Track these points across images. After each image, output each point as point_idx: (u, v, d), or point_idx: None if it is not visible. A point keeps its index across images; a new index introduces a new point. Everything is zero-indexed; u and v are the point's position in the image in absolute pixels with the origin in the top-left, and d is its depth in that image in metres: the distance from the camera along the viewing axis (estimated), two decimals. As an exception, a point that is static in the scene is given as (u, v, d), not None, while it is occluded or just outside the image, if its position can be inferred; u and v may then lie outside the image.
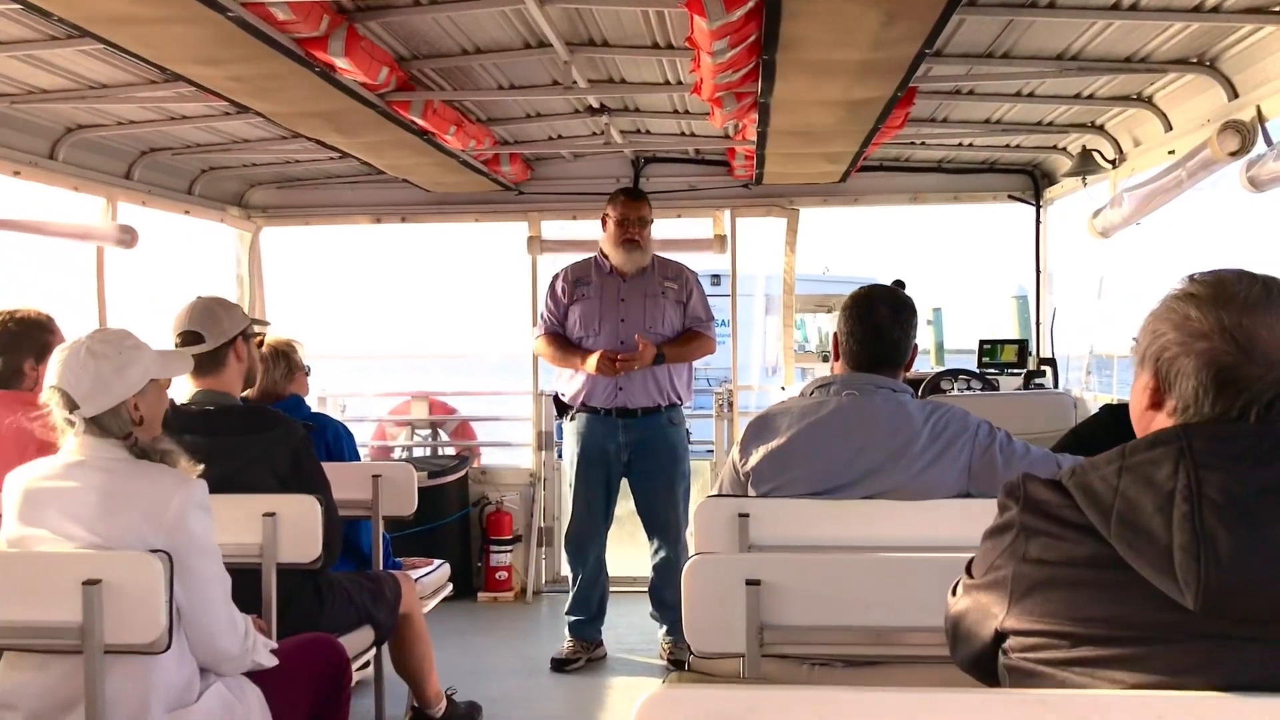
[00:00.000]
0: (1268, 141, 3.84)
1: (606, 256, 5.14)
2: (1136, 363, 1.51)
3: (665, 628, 5.18)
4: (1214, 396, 1.39)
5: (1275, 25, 3.57)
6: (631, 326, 4.99)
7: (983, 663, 1.51)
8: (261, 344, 3.91)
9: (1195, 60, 4.15)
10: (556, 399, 5.32)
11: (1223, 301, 1.40)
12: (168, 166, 5.81)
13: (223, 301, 3.45)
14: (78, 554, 2.39)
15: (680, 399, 5.16)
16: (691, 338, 5.12)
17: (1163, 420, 1.45)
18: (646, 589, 5.30)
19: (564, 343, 5.14)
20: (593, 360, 4.92)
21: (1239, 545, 1.27)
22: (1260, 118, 3.87)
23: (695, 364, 5.30)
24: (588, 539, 5.20)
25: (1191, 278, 1.46)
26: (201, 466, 2.58)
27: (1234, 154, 3.89)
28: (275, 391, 4.12)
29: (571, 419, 5.19)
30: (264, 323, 4.83)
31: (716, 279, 10.87)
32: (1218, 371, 1.39)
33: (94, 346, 2.50)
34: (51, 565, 2.40)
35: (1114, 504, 1.35)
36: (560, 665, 5.08)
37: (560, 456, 6.66)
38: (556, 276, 5.28)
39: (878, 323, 2.92)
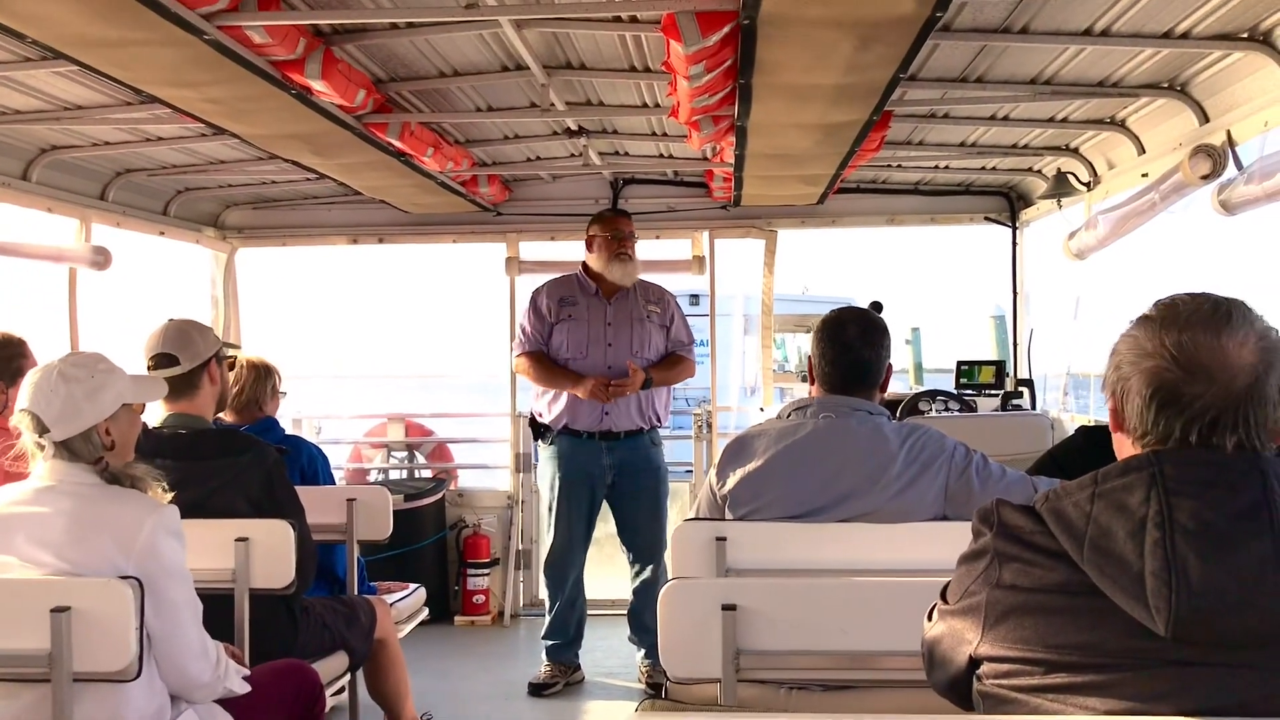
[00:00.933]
0: (1238, 165, 3.88)
1: (592, 277, 5.13)
2: (1103, 387, 1.53)
3: (644, 651, 5.15)
4: (1155, 414, 1.40)
5: (1244, 51, 3.61)
6: (619, 350, 5.00)
7: (958, 687, 1.51)
8: (233, 366, 3.88)
9: (1166, 85, 4.20)
10: (533, 420, 5.27)
11: (1170, 321, 1.42)
12: (143, 187, 5.78)
13: (196, 324, 3.42)
14: (46, 580, 2.35)
15: (660, 420, 5.18)
16: (675, 361, 5.15)
17: (1126, 442, 1.46)
18: (625, 612, 5.28)
19: (549, 362, 5.10)
20: (587, 385, 4.90)
21: (1210, 572, 1.28)
22: (1230, 142, 3.91)
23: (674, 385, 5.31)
24: (567, 563, 5.17)
25: (1156, 302, 1.48)
26: (173, 494, 2.56)
27: (1205, 177, 3.93)
28: (259, 406, 4.08)
29: (551, 442, 5.14)
30: (235, 346, 4.80)
31: (695, 299, 10.91)
32: (1158, 388, 1.40)
33: (66, 370, 2.47)
34: (19, 592, 2.36)
35: (1087, 530, 1.36)
36: (538, 690, 5.05)
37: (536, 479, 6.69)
38: (538, 292, 5.22)
39: (847, 343, 2.93)
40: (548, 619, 5.24)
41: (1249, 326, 1.41)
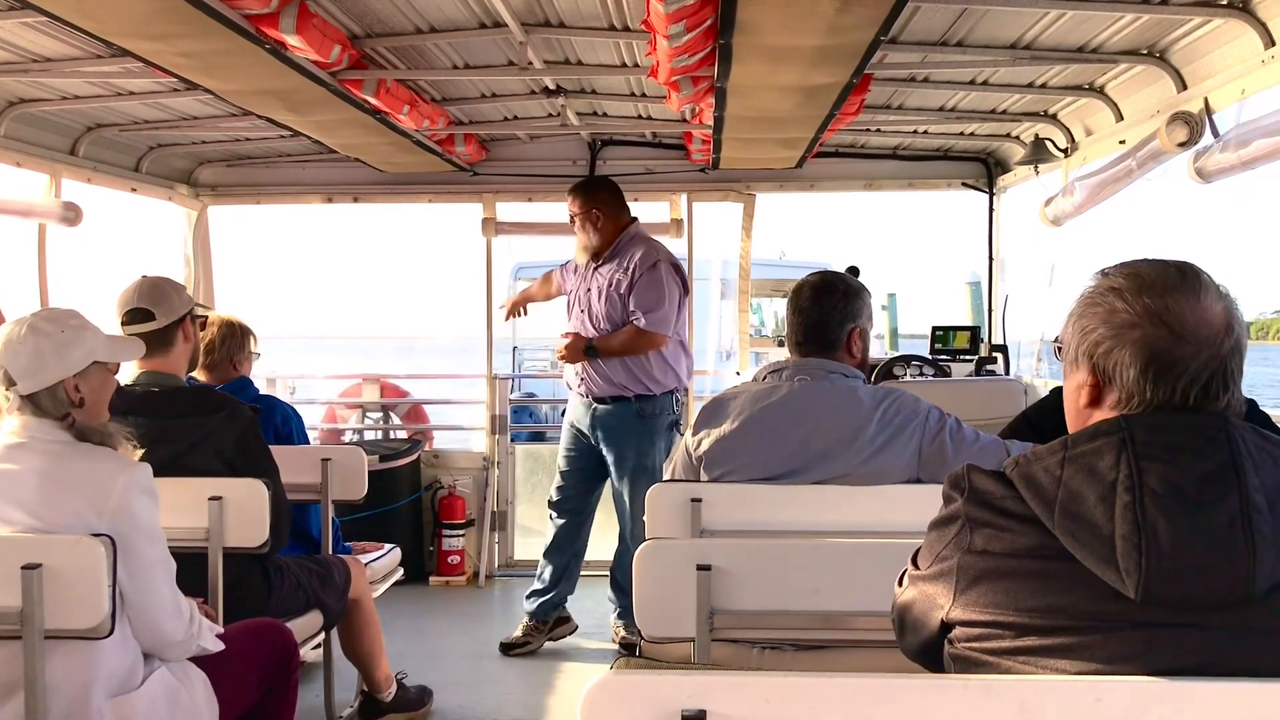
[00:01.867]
0: (1215, 133, 3.89)
1: None
2: (1068, 362, 1.52)
3: (618, 611, 5.18)
4: (1153, 381, 1.40)
5: (1223, 19, 3.61)
6: (590, 318, 5.06)
7: (929, 651, 1.53)
8: (204, 325, 3.84)
9: (1145, 51, 4.20)
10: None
11: (1145, 288, 1.42)
12: (114, 143, 5.70)
13: (171, 280, 3.39)
14: (17, 537, 2.34)
15: (653, 390, 5.03)
16: (625, 331, 4.96)
17: (1103, 415, 1.46)
18: (604, 573, 5.33)
19: (544, 283, 5.55)
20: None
21: (1179, 535, 1.29)
22: (1208, 109, 3.92)
23: (677, 351, 5.18)
24: (557, 504, 5.25)
25: (1105, 273, 1.49)
26: (142, 450, 2.54)
27: (1182, 145, 3.94)
28: (232, 365, 4.05)
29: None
30: (205, 306, 4.76)
31: (671, 262, 10.86)
32: (1152, 356, 1.40)
33: (36, 324, 2.45)
34: (-10, 549, 2.35)
35: (1057, 495, 1.37)
36: (506, 649, 5.08)
37: (513, 439, 6.76)
38: (565, 264, 5.45)
39: (800, 305, 3.00)
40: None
41: (1214, 287, 1.44)
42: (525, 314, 5.65)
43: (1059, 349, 1.55)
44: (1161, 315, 1.40)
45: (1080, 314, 1.49)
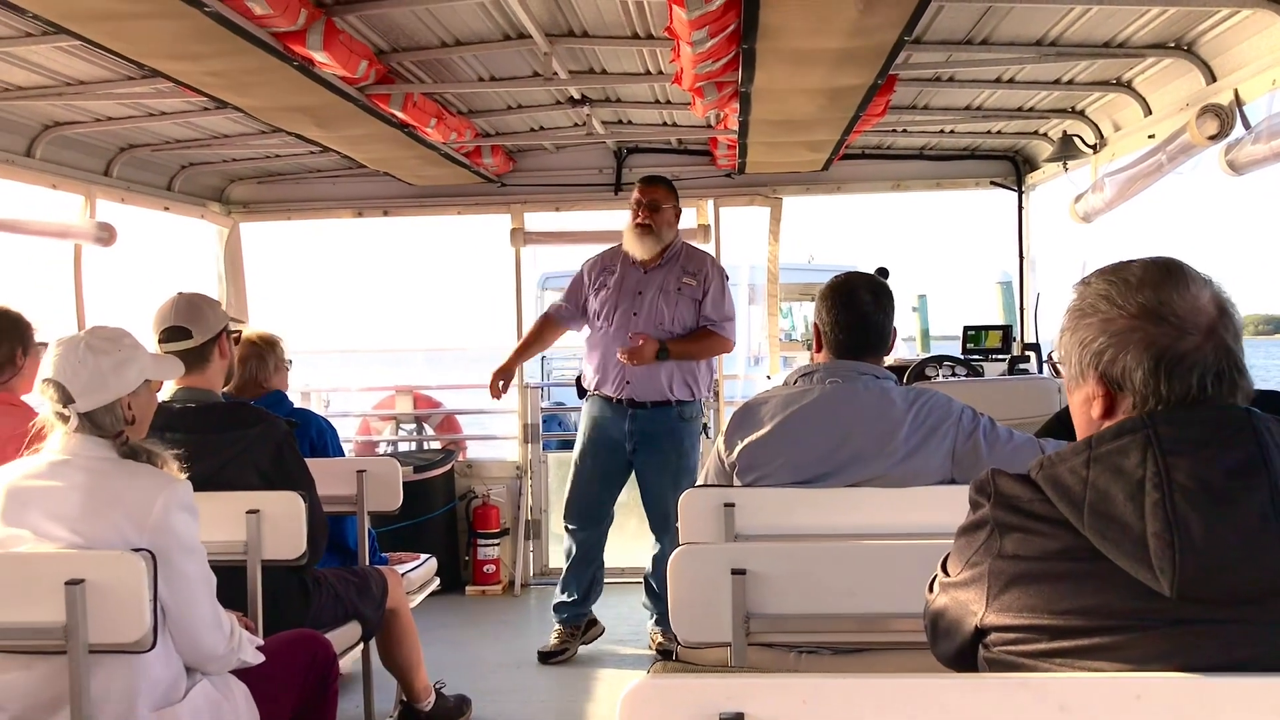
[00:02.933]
0: (1246, 125, 3.85)
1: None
2: (1072, 378, 1.50)
3: (654, 618, 5.18)
4: (1167, 379, 1.39)
5: (1251, 9, 3.58)
6: (644, 321, 4.96)
7: (964, 657, 1.52)
8: (239, 340, 3.89)
9: (1173, 44, 4.16)
10: (578, 379, 5.35)
11: (1134, 288, 1.42)
12: (147, 163, 5.78)
13: (206, 297, 3.43)
14: (60, 554, 2.37)
15: (695, 394, 5.08)
16: (702, 336, 5.01)
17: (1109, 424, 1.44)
18: (640, 579, 5.31)
19: (534, 332, 5.40)
20: (494, 375, 5.29)
21: (1211, 529, 1.28)
22: (1238, 101, 3.88)
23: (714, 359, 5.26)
24: (580, 513, 5.19)
25: (1086, 283, 1.48)
26: (187, 469, 2.58)
27: (1213, 138, 3.89)
28: (257, 384, 4.08)
29: (588, 400, 5.21)
30: (240, 320, 4.81)
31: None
32: (1160, 354, 1.39)
33: (93, 342, 2.49)
34: (34, 565, 2.38)
35: (1085, 495, 1.36)
36: (545, 658, 5.08)
37: (544, 447, 6.76)
38: (587, 261, 5.29)
39: (861, 309, 2.93)
40: (562, 576, 5.29)
41: (1197, 275, 1.43)
42: (506, 389, 5.40)
43: (1056, 367, 1.54)
44: (1159, 311, 1.39)
45: (1074, 327, 1.47)
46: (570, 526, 5.24)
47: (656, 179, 5.14)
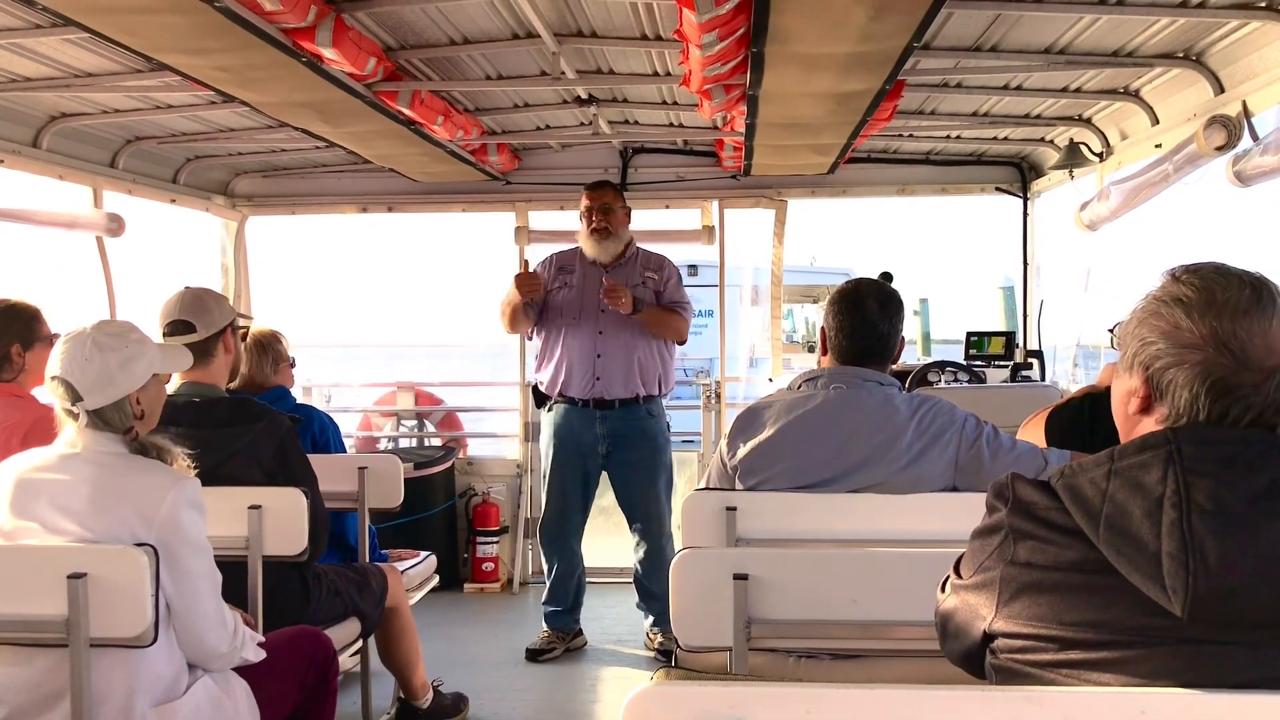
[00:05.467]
0: (1254, 136, 3.85)
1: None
2: (1123, 367, 1.49)
3: (651, 618, 5.19)
4: (1209, 405, 1.38)
5: (1261, 21, 3.58)
6: (612, 315, 4.98)
7: (971, 659, 1.52)
8: (245, 336, 3.89)
9: (1182, 55, 4.16)
10: (535, 389, 5.32)
11: (1215, 310, 1.38)
12: (153, 155, 5.78)
13: (212, 292, 3.44)
14: (63, 547, 2.38)
15: (659, 391, 5.16)
16: (668, 309, 5.08)
17: (1151, 425, 1.44)
18: (632, 579, 5.32)
19: (518, 313, 5.22)
20: (513, 283, 5.04)
21: (1227, 553, 1.27)
22: (1246, 112, 3.88)
23: (675, 354, 5.28)
24: (560, 529, 5.20)
25: (1176, 277, 1.44)
26: (196, 465, 2.58)
27: (1220, 148, 3.89)
28: (260, 382, 4.09)
29: (549, 409, 5.18)
30: (247, 316, 4.82)
31: (694, 269, 10.88)
32: (1214, 383, 1.37)
33: (99, 339, 2.48)
34: (36, 558, 2.38)
35: (1103, 508, 1.35)
36: (534, 655, 5.10)
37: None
38: (543, 261, 5.31)
39: (867, 317, 2.92)
40: (546, 585, 5.29)
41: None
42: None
43: (1115, 341, 1.52)
44: (1227, 342, 1.36)
45: (1142, 320, 1.45)
46: (548, 545, 5.25)
47: (601, 183, 5.25)
